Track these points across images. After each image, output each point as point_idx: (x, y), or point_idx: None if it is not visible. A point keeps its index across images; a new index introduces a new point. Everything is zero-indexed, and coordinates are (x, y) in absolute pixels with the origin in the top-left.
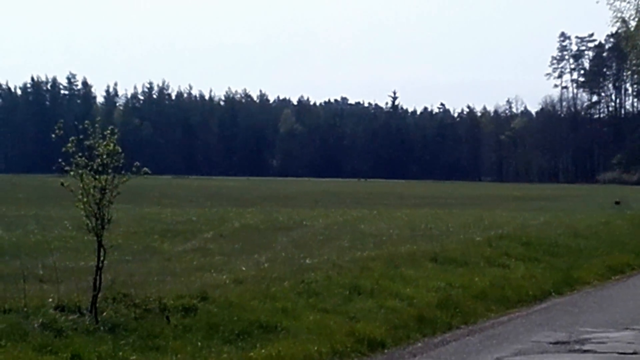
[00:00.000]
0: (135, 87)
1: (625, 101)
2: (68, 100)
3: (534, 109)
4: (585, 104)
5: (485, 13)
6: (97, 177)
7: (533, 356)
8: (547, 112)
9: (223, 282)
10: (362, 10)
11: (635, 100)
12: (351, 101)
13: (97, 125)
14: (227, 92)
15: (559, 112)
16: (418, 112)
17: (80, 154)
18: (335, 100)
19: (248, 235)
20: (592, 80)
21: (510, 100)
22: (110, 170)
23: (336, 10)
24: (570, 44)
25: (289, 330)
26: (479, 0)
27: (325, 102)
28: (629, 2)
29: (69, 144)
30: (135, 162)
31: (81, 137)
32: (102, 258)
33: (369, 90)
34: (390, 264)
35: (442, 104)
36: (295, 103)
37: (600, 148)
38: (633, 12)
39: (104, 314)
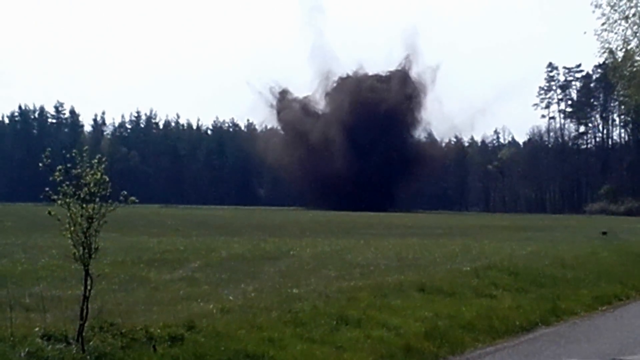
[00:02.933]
0: (122, 116)
1: (612, 132)
2: (55, 128)
3: (521, 139)
4: (573, 134)
5: (473, 43)
6: (84, 205)
7: None
8: (535, 143)
9: (210, 311)
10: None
11: (623, 130)
12: None
13: (84, 154)
14: (214, 122)
15: (546, 143)
16: None
17: (67, 183)
18: None
19: (235, 265)
20: (579, 110)
21: (498, 130)
22: (97, 199)
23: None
24: (558, 74)
25: None
26: (466, 30)
27: None
28: (616, 33)
29: (57, 173)
30: (123, 191)
31: (69, 165)
32: (89, 287)
33: None
34: (378, 293)
35: (428, 134)
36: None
37: (588, 178)
38: (620, 42)
39: (91, 343)
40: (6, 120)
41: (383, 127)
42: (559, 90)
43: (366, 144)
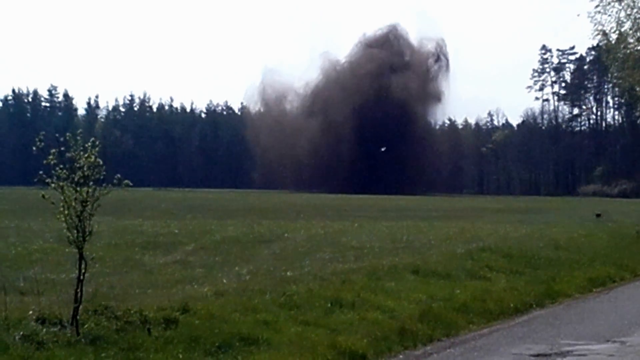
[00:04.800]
0: (116, 100)
1: (606, 114)
2: (49, 112)
3: (515, 121)
4: (567, 116)
5: (467, 25)
6: (78, 189)
7: None
8: (528, 125)
9: (204, 294)
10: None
11: (616, 113)
12: None
13: (78, 137)
14: (208, 105)
15: (540, 125)
16: None
17: (61, 166)
18: None
19: (229, 248)
20: (573, 93)
21: (492, 112)
22: (91, 183)
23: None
24: (552, 56)
25: (270, 343)
26: (460, 13)
27: None
28: (609, 15)
29: (50, 156)
30: (117, 174)
31: (62, 149)
32: (83, 270)
33: None
34: (372, 276)
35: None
36: (276, 115)
37: (582, 161)
38: (614, 24)
39: (85, 326)
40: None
41: (387, 110)
42: (552, 73)
43: (370, 129)
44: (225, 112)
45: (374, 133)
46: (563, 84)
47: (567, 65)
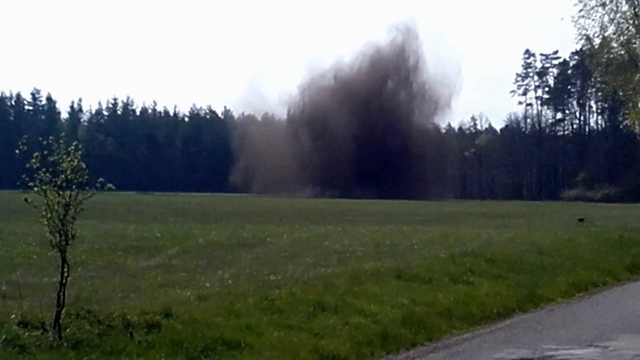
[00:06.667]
0: (99, 103)
1: (589, 118)
2: (32, 115)
3: (498, 126)
4: (550, 121)
5: (450, 29)
6: (61, 193)
7: None
8: (512, 129)
9: (187, 298)
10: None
11: (600, 117)
12: None
13: (61, 141)
14: (191, 108)
15: (523, 129)
16: None
17: (44, 170)
18: None
19: (212, 252)
20: (556, 97)
21: (475, 117)
22: (74, 186)
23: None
24: (535, 61)
25: (252, 347)
26: (443, 16)
27: None
28: (593, 20)
29: (33, 160)
30: (100, 178)
31: (45, 152)
32: (65, 274)
33: None
34: (355, 280)
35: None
36: (259, 119)
37: (565, 165)
38: (597, 29)
39: (68, 330)
40: None
41: (373, 116)
42: (536, 77)
43: (354, 135)
44: (208, 116)
45: (359, 139)
46: (546, 89)
47: (550, 69)
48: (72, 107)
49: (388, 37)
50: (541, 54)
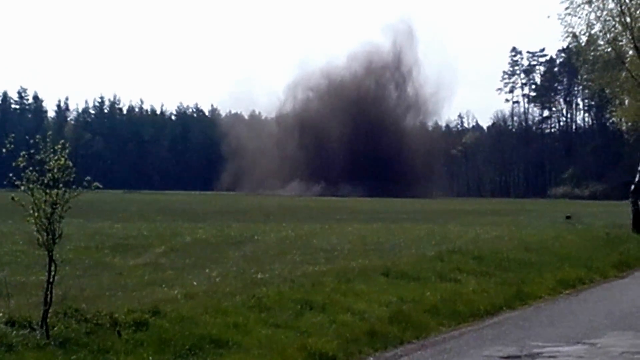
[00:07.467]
0: (86, 102)
1: (576, 116)
2: (19, 114)
3: (485, 123)
4: (537, 118)
5: (437, 27)
6: (48, 191)
7: None
8: (499, 127)
9: (174, 296)
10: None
11: (587, 115)
12: None
13: (48, 139)
14: (178, 107)
15: (510, 127)
16: None
17: (31, 169)
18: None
19: (200, 250)
20: (543, 95)
21: (462, 114)
22: (61, 185)
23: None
24: (522, 58)
25: (240, 345)
26: (430, 14)
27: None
28: (580, 17)
29: (20, 159)
30: (87, 176)
31: (32, 151)
32: (53, 273)
33: None
34: (342, 278)
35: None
36: (247, 118)
37: (552, 163)
38: (584, 27)
39: (55, 329)
40: None
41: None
42: (522, 75)
43: (342, 134)
44: (195, 114)
45: (347, 136)
46: (533, 86)
47: (537, 67)
48: (59, 105)
49: (383, 36)
50: (528, 52)
